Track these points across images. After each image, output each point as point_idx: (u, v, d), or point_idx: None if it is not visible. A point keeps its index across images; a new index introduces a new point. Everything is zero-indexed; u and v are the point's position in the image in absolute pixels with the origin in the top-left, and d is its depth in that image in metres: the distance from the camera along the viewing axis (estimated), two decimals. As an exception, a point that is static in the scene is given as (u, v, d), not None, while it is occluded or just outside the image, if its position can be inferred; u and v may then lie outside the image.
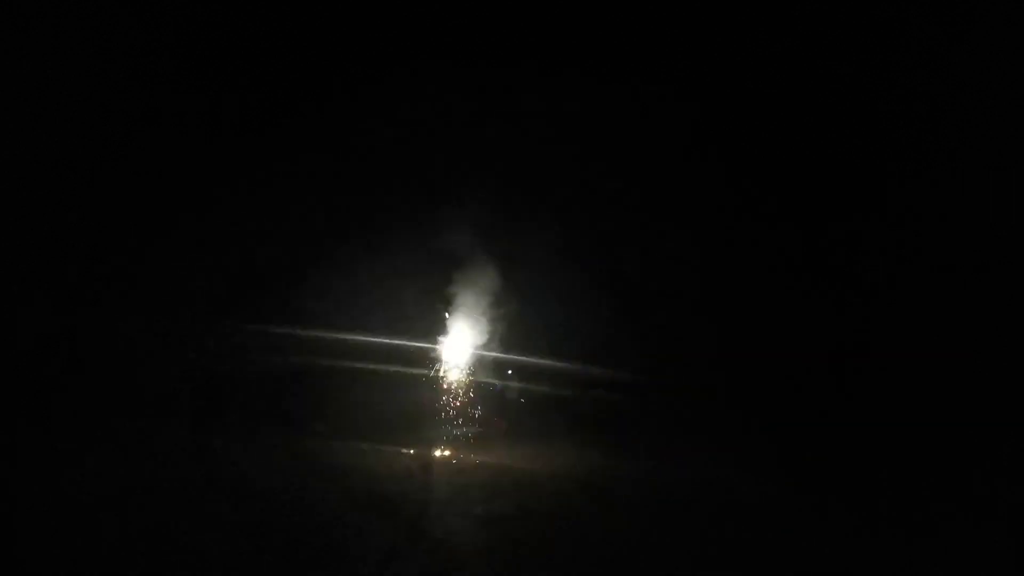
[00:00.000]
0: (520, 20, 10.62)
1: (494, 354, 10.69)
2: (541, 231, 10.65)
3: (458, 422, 10.40)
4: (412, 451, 9.79)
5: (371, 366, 10.10)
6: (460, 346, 10.73)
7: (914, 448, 9.76)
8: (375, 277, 10.42)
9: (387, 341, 10.25)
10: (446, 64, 10.59)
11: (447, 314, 10.69)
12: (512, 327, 10.72)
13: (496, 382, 10.69)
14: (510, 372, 10.70)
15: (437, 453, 9.99)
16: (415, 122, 10.81)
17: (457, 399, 10.55)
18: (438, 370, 10.60)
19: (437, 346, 10.63)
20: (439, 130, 10.74)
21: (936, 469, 8.91)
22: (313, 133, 10.80)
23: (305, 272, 10.55)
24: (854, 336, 10.92)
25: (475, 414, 10.49)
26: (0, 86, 9.39)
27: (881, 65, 10.67)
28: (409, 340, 10.45)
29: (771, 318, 11.13)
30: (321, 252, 10.62)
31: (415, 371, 10.45)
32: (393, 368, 10.25)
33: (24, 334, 9.43)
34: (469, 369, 10.71)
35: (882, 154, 11.22)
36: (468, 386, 10.63)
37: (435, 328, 10.67)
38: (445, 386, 10.59)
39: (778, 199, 11.47)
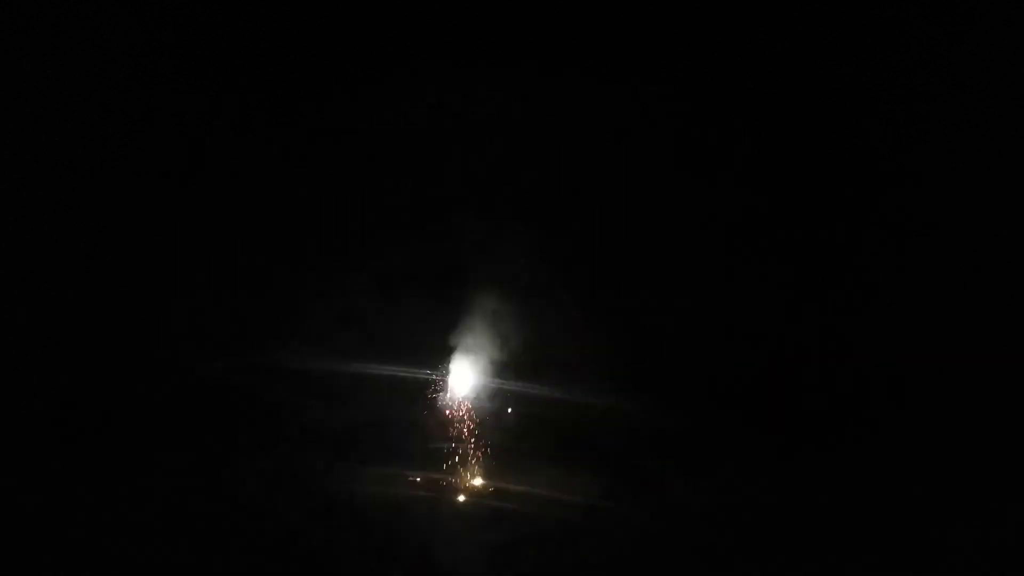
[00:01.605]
0: (520, 20, 10.63)
1: (497, 380, 10.58)
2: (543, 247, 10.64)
3: (461, 446, 10.34)
4: (417, 477, 9.70)
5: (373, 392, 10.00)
6: (463, 371, 10.55)
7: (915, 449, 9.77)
8: (376, 296, 10.39)
9: (389, 367, 10.16)
10: (446, 64, 10.58)
11: (451, 336, 10.59)
12: (516, 352, 10.58)
13: (497, 408, 10.55)
14: (512, 398, 10.54)
15: (441, 478, 9.91)
16: (416, 124, 10.81)
17: (460, 424, 10.49)
18: (441, 396, 10.48)
19: (439, 371, 10.50)
20: (440, 132, 10.74)
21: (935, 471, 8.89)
22: (316, 138, 10.81)
23: (308, 294, 10.52)
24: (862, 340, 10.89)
25: (478, 438, 10.40)
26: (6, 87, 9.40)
27: (881, 65, 10.67)
28: (410, 366, 10.33)
29: (775, 329, 11.09)
30: (322, 269, 10.62)
31: (418, 399, 10.38)
32: (397, 393, 10.14)
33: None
34: (473, 395, 10.55)
35: (881, 154, 11.23)
36: (471, 411, 10.54)
37: (437, 351, 10.53)
38: (448, 412, 10.47)
39: (781, 203, 11.45)
